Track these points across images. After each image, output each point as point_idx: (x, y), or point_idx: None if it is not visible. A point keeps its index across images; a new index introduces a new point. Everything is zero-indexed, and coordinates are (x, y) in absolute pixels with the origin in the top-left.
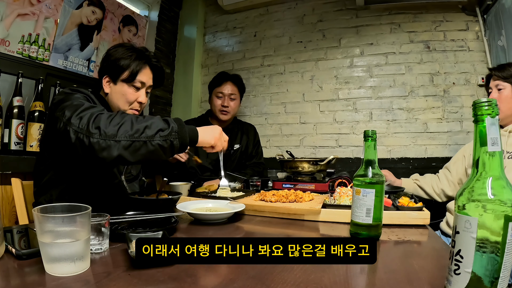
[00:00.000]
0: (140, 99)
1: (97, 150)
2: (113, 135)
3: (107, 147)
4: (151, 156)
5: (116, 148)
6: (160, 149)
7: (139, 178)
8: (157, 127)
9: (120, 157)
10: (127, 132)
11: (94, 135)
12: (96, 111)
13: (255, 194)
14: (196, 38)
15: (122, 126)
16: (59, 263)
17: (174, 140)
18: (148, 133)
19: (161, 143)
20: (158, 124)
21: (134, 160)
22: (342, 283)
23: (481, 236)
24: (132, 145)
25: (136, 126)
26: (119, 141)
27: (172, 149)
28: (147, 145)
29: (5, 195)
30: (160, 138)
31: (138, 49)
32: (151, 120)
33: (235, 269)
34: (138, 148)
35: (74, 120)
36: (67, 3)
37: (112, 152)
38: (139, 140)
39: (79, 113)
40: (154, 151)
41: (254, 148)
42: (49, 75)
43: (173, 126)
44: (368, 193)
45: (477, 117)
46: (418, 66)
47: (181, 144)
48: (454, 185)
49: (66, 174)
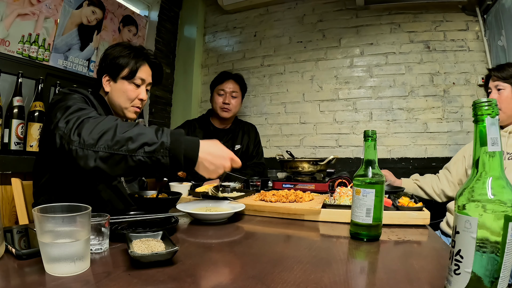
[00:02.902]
0: (140, 96)
1: (75, 158)
2: (91, 144)
3: (84, 156)
4: (133, 172)
5: (93, 158)
6: (142, 166)
7: (138, 178)
8: (143, 140)
9: (97, 169)
10: (106, 142)
11: (74, 143)
12: (84, 115)
13: (255, 194)
14: (196, 38)
15: (104, 135)
16: (59, 263)
17: (162, 157)
18: (130, 146)
19: (143, 159)
20: (146, 136)
21: (114, 174)
22: (342, 283)
23: (481, 236)
24: (111, 157)
25: (118, 137)
26: (97, 151)
27: (161, 167)
28: (128, 159)
29: (5, 195)
30: (144, 153)
31: (136, 47)
32: (140, 131)
33: (235, 269)
34: (117, 162)
35: (61, 124)
36: (67, 3)
37: (88, 163)
38: (118, 153)
39: (67, 116)
40: (135, 167)
41: (254, 148)
42: (49, 75)
43: (165, 141)
44: (368, 193)
45: (477, 117)
46: (418, 66)
47: (173, 163)
48: (454, 186)
49: (65, 175)
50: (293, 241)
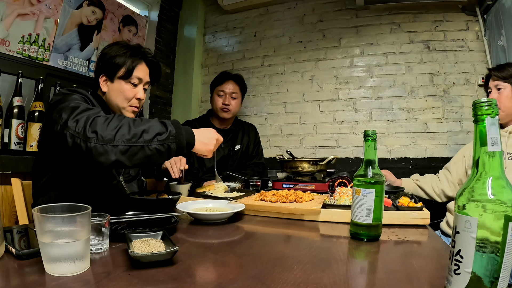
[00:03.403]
0: (138, 95)
1: (95, 155)
2: (110, 139)
3: (105, 152)
4: (148, 161)
5: (114, 153)
6: (157, 153)
7: (137, 178)
8: (155, 131)
9: (118, 162)
10: (124, 137)
11: (91, 140)
12: (93, 114)
13: (255, 194)
14: (196, 38)
15: (120, 130)
16: (59, 263)
17: (171, 144)
18: (146, 137)
19: (158, 147)
20: (156, 127)
21: (132, 164)
22: (342, 283)
23: (481, 236)
24: (130, 149)
25: (134, 130)
26: (117, 145)
27: (169, 152)
28: (145, 149)
29: (5, 195)
30: (157, 142)
31: (133, 46)
32: (149, 124)
33: (235, 269)
34: (135, 153)
35: (71, 124)
36: (67, 3)
37: (109, 157)
38: (136, 145)
39: (76, 116)
40: (152, 155)
41: (254, 148)
42: (49, 75)
43: (171, 129)
44: (368, 193)
45: (477, 117)
46: (418, 66)
47: (178, 148)
48: (454, 186)
49: (65, 175)
50: (293, 241)
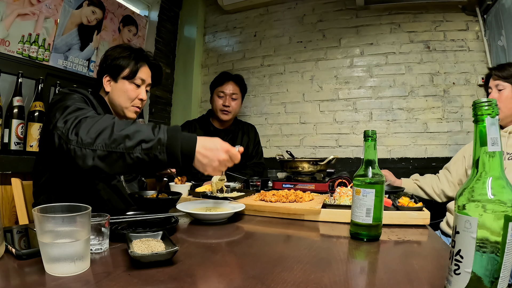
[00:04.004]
0: (140, 96)
1: (74, 157)
2: (89, 143)
3: (82, 155)
4: (131, 170)
5: (91, 157)
6: (140, 163)
7: (138, 178)
8: (140, 137)
9: (96, 168)
10: (104, 141)
11: (71, 142)
12: (82, 115)
13: (255, 194)
14: (196, 38)
15: (101, 134)
16: (59, 263)
17: (160, 154)
18: (128, 144)
19: (141, 156)
20: (143, 134)
21: (112, 172)
22: (342, 283)
23: (481, 236)
24: (109, 156)
25: (116, 135)
26: (95, 150)
27: (158, 163)
28: (125, 157)
29: (5, 195)
30: (141, 150)
31: (136, 49)
32: (137, 129)
33: (235, 269)
34: (115, 160)
35: (60, 124)
36: (67, 3)
37: (87, 162)
38: (115, 151)
39: (66, 116)
40: (134, 164)
41: (254, 148)
42: (49, 75)
43: (161, 137)
44: (368, 193)
45: (477, 117)
46: (418, 66)
47: (170, 158)
48: (454, 186)
49: (65, 175)
50: (293, 241)
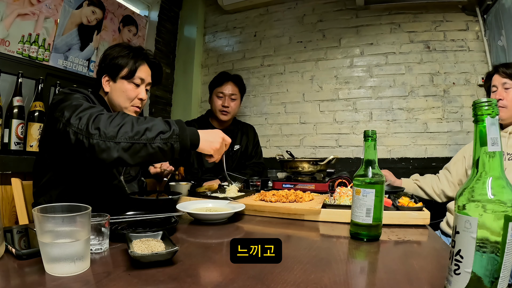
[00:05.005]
0: (140, 95)
1: (97, 151)
2: (113, 136)
3: (107, 148)
4: (150, 159)
5: (116, 149)
6: (160, 152)
7: (138, 179)
8: (158, 129)
9: (120, 159)
10: (127, 134)
11: (93, 136)
12: (96, 111)
13: (255, 194)
14: (196, 38)
15: (123, 127)
16: (59, 263)
17: (175, 143)
18: (149, 135)
19: (161, 146)
20: (159, 126)
21: (134, 162)
22: (342, 283)
23: (481, 236)
24: (132, 147)
25: (137, 128)
26: (119, 142)
27: (172, 152)
28: (147, 147)
29: (5, 195)
30: (160, 140)
31: (135, 47)
32: (152, 122)
33: (235, 269)
34: (138, 150)
35: (74, 121)
36: (67, 3)
37: (111, 154)
38: (139, 142)
39: (78, 113)
40: (154, 153)
41: (253, 148)
42: (49, 75)
43: (175, 128)
44: (368, 193)
45: (477, 117)
46: (418, 66)
47: (181, 147)
48: (454, 186)
49: (66, 175)
50: (293, 241)
